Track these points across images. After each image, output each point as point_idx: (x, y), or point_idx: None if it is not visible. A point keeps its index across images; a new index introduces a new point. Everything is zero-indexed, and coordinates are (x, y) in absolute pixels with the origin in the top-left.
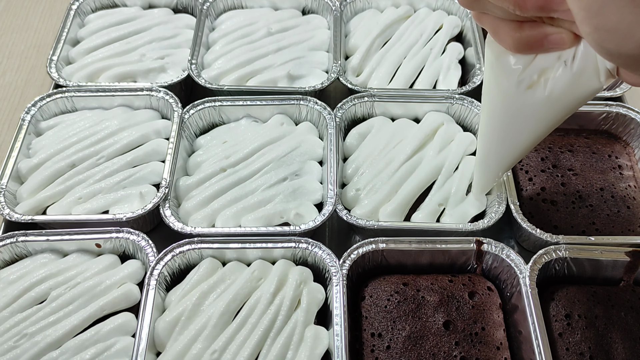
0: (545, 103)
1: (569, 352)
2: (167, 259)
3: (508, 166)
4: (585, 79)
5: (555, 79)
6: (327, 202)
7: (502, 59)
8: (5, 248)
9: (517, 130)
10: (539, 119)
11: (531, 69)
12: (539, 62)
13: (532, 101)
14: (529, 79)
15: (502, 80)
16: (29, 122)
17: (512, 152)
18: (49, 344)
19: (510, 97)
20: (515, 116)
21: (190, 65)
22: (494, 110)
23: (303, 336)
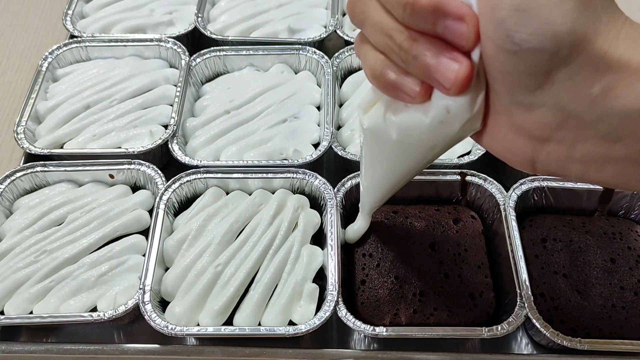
0: (423, 149)
1: (544, 271)
2: (175, 187)
3: (392, 193)
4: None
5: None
6: (324, 139)
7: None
8: (26, 177)
9: (398, 168)
10: (419, 158)
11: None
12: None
13: (408, 147)
14: (400, 134)
15: (371, 139)
16: (46, 69)
17: (393, 184)
18: (67, 259)
19: (385, 147)
20: (392, 158)
21: (197, 18)
22: (369, 150)
23: (300, 253)
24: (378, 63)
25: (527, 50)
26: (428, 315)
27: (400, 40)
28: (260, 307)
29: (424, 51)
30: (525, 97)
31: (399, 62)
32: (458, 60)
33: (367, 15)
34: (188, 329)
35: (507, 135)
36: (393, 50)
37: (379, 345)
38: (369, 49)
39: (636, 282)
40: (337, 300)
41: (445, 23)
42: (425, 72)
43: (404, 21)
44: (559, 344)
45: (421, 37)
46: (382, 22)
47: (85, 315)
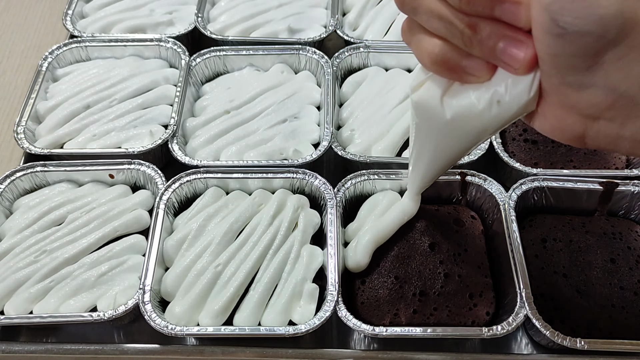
0: (476, 129)
1: (544, 271)
2: (175, 187)
3: (441, 173)
4: (512, 104)
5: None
6: (324, 139)
7: (421, 94)
8: (26, 177)
9: (449, 148)
10: (470, 139)
11: (454, 106)
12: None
13: (458, 133)
14: (453, 114)
15: (424, 116)
16: (46, 69)
17: (445, 163)
18: (67, 259)
19: (436, 129)
20: (445, 139)
21: (197, 18)
22: (420, 134)
23: (300, 253)
24: (438, 48)
25: (573, 34)
26: (428, 315)
27: (462, 26)
28: (260, 307)
29: (489, 34)
30: (575, 77)
31: (463, 46)
32: (523, 40)
33: (420, 2)
34: (188, 329)
35: (558, 113)
36: (455, 36)
37: (379, 345)
38: (424, 35)
39: (636, 282)
40: (337, 300)
41: (503, 7)
42: (492, 54)
43: (461, 8)
44: (559, 344)
45: (481, 20)
46: (438, 9)
47: (85, 315)
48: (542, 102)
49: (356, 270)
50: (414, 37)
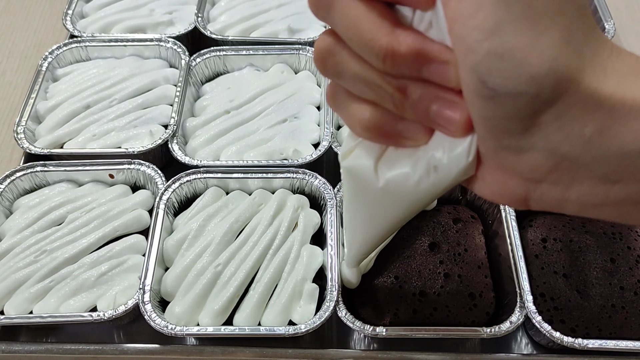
0: (412, 197)
1: (544, 271)
2: (175, 187)
3: (379, 243)
4: (448, 171)
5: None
6: (324, 139)
7: (352, 161)
8: (26, 177)
9: (385, 218)
10: (406, 207)
11: (389, 174)
12: (393, 160)
13: (395, 202)
14: (388, 182)
15: (357, 185)
16: (46, 69)
17: (382, 234)
18: (67, 259)
19: (371, 198)
20: (380, 209)
21: (197, 18)
22: (354, 203)
23: (300, 253)
24: (369, 114)
25: (504, 95)
26: (428, 315)
27: (391, 90)
28: (260, 307)
29: (420, 97)
30: (512, 141)
31: (395, 110)
32: (457, 101)
33: (343, 67)
34: (188, 328)
35: (497, 177)
36: (385, 100)
37: (379, 345)
38: (351, 101)
39: (636, 282)
40: (337, 300)
41: (430, 68)
42: (426, 118)
43: (386, 71)
44: (559, 344)
45: (411, 82)
46: (364, 73)
47: (85, 315)
48: (481, 166)
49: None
50: (340, 103)
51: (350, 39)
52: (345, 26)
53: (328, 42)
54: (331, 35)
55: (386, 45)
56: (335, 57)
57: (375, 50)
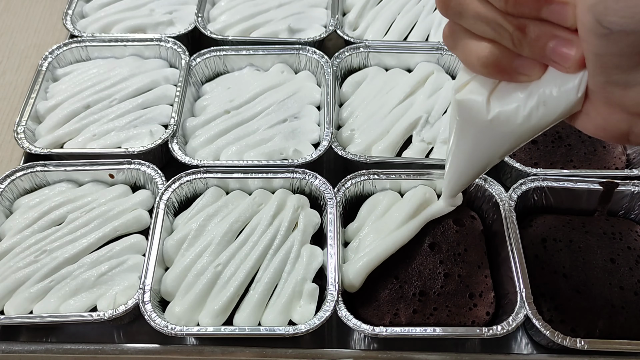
0: (518, 130)
1: (544, 271)
2: (175, 186)
3: (478, 175)
4: (558, 105)
5: (526, 111)
6: (324, 139)
7: (465, 94)
8: (26, 177)
9: (488, 150)
10: (511, 141)
11: (499, 107)
12: (508, 95)
13: (501, 134)
14: (497, 115)
15: (467, 117)
16: (47, 69)
17: (483, 166)
18: (67, 259)
19: (478, 130)
20: (485, 141)
21: (197, 17)
22: (461, 135)
23: (300, 253)
24: (487, 50)
25: (617, 33)
26: (428, 315)
27: (511, 28)
28: (260, 307)
29: (538, 35)
30: (621, 76)
31: (512, 48)
32: (572, 39)
33: (464, 7)
34: (188, 328)
35: (602, 112)
36: (504, 38)
37: (379, 345)
38: (470, 39)
39: (636, 282)
40: (337, 300)
41: (550, 8)
42: (542, 54)
43: (507, 10)
44: (559, 344)
45: (529, 21)
46: (485, 12)
47: (85, 315)
48: (587, 101)
49: (350, 290)
50: (459, 42)
51: None
52: None
53: None
54: None
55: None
56: (458, 6)
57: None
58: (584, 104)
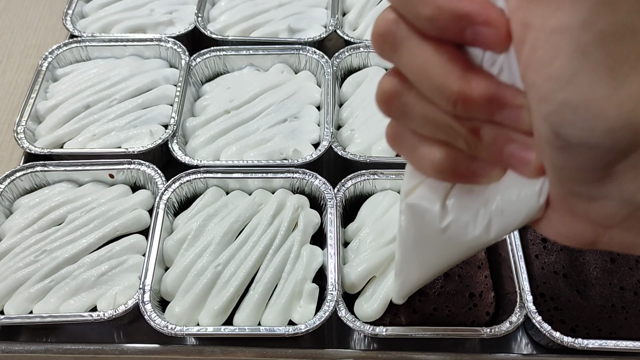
0: (475, 238)
1: (544, 271)
2: (175, 186)
3: (432, 278)
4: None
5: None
6: (324, 139)
7: (416, 199)
8: (26, 177)
9: (441, 260)
10: (468, 252)
11: (454, 214)
12: (461, 205)
13: (457, 243)
14: (450, 225)
15: (418, 224)
16: (46, 69)
17: (436, 272)
18: (67, 259)
19: (431, 238)
20: (439, 248)
21: (197, 17)
22: (412, 241)
23: (300, 253)
24: (440, 155)
25: (577, 146)
26: (428, 315)
27: (465, 132)
28: (260, 307)
29: (493, 139)
30: (583, 189)
31: (468, 151)
32: (532, 143)
33: (410, 109)
34: (188, 328)
35: (565, 220)
36: (458, 141)
37: (379, 345)
38: (419, 142)
39: (636, 282)
40: (337, 300)
41: (503, 113)
42: (499, 158)
43: (457, 114)
44: (559, 344)
45: (484, 124)
46: (433, 115)
47: (85, 315)
48: (549, 208)
49: (350, 291)
50: (405, 144)
51: (419, 83)
52: (414, 69)
53: (394, 84)
54: (396, 76)
55: (458, 91)
56: (402, 99)
57: (446, 95)
58: (545, 210)
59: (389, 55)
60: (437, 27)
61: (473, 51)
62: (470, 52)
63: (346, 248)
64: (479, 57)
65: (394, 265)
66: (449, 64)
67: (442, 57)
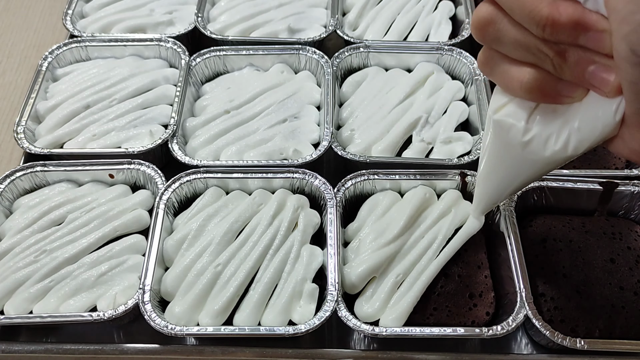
0: (554, 154)
1: (543, 271)
2: (175, 187)
3: (509, 195)
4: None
5: (562, 139)
6: (324, 139)
7: (503, 116)
8: (26, 177)
9: (521, 175)
10: (545, 168)
11: (536, 130)
12: (544, 124)
13: (536, 157)
14: (532, 140)
15: (502, 139)
16: (46, 69)
17: (516, 187)
18: (67, 259)
19: (513, 152)
20: (521, 163)
21: (197, 17)
22: (495, 156)
23: (300, 253)
24: (529, 75)
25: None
26: (428, 315)
27: (552, 53)
28: (260, 307)
29: (577, 60)
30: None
31: (554, 72)
32: (611, 65)
33: (503, 34)
34: (188, 328)
35: (637, 136)
36: (545, 62)
37: (379, 345)
38: (509, 65)
39: (636, 282)
40: (337, 300)
41: (587, 35)
42: (582, 79)
43: (545, 37)
44: (559, 344)
45: (569, 47)
46: (524, 39)
47: (85, 315)
48: (623, 125)
49: (351, 291)
50: (497, 68)
51: (512, 9)
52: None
53: (489, 11)
54: (491, 4)
55: (547, 15)
56: (496, 25)
57: (536, 19)
58: (620, 128)
59: None
60: None
61: None
62: None
63: (346, 248)
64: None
65: (478, 179)
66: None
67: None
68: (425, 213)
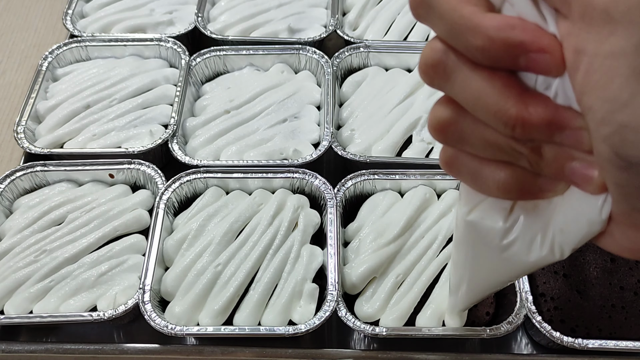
0: (538, 263)
1: (544, 271)
2: (175, 186)
3: (487, 296)
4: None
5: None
6: (324, 139)
7: (478, 217)
8: (26, 177)
9: (501, 276)
10: (529, 270)
11: (517, 231)
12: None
13: (519, 261)
14: (513, 243)
15: (478, 241)
16: (46, 69)
17: (495, 287)
18: (67, 259)
19: (492, 255)
20: (498, 269)
21: (197, 17)
22: (472, 257)
23: (300, 253)
24: (506, 175)
25: (638, 165)
26: None
27: (526, 151)
28: (260, 306)
29: (555, 157)
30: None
31: (530, 169)
32: (592, 161)
33: (467, 134)
34: (188, 328)
35: (629, 234)
36: (521, 160)
37: (379, 345)
38: (480, 164)
39: (636, 282)
40: (337, 300)
41: (563, 134)
42: (562, 175)
43: (515, 138)
44: (559, 344)
45: (545, 144)
46: (493, 138)
47: (85, 315)
48: (611, 222)
49: (351, 292)
50: (464, 169)
51: (475, 110)
52: (468, 98)
53: (448, 112)
54: (449, 103)
55: (515, 116)
56: (458, 126)
57: (504, 120)
58: (607, 224)
59: (440, 85)
60: (489, 57)
61: (526, 75)
62: (523, 76)
63: (346, 248)
64: (532, 80)
65: (450, 281)
66: (504, 90)
67: (496, 83)
68: (426, 213)
